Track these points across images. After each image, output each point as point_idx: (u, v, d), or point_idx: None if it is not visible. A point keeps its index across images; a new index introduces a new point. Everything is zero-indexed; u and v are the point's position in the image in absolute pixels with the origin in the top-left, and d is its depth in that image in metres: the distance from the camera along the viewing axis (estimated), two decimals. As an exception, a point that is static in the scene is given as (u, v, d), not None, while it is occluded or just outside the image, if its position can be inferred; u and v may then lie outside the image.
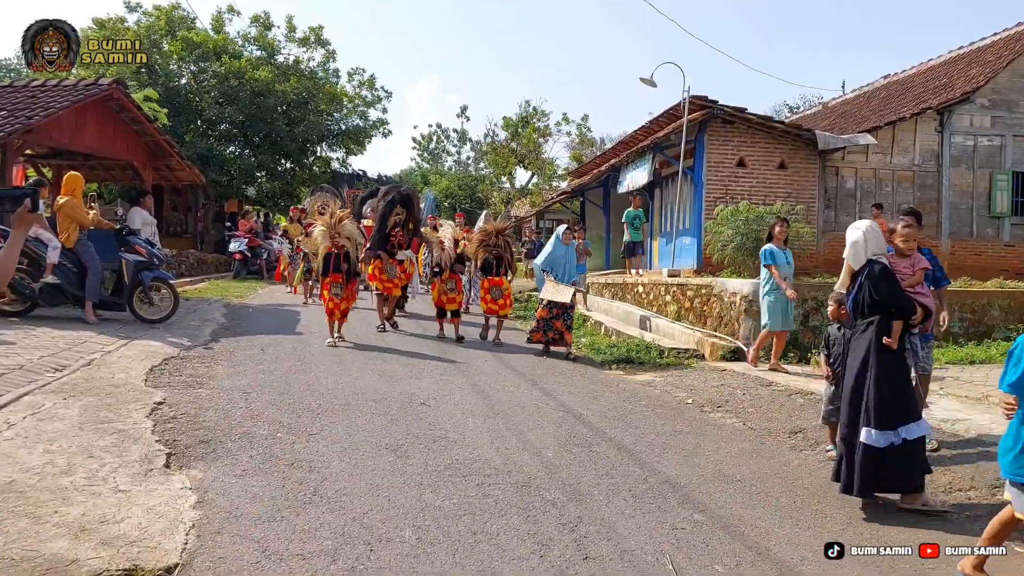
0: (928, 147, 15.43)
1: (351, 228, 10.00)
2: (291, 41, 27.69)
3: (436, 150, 50.24)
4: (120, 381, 6.84)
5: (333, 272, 9.67)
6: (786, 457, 5.84)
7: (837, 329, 5.79)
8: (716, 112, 14.53)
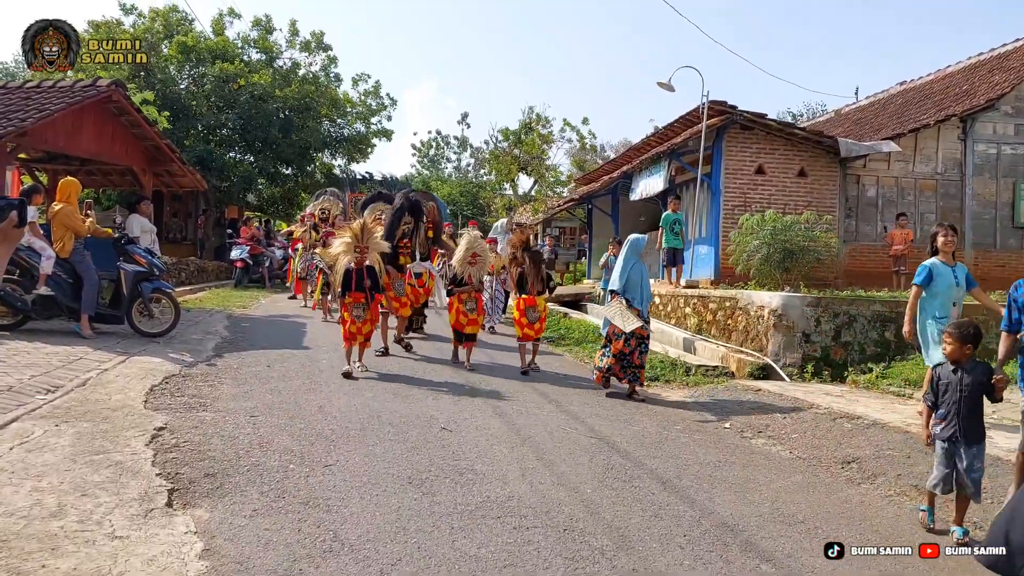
0: (951, 155, 15.01)
1: (381, 242, 8.90)
2: (292, 46, 27.25)
3: (436, 156, 49.81)
4: (118, 403, 6.34)
5: (355, 290, 8.32)
6: (844, 492, 5.35)
7: (952, 371, 4.76)
8: (735, 118, 14.11)
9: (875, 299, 10.08)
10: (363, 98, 28.82)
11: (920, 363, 9.13)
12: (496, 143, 38.92)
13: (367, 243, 8.41)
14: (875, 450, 6.14)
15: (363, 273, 8.33)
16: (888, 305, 9.92)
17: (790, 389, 8.52)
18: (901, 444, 6.22)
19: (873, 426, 6.73)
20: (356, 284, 8.29)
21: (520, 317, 9.25)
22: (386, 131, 29.54)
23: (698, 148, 14.05)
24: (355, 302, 8.24)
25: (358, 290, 8.30)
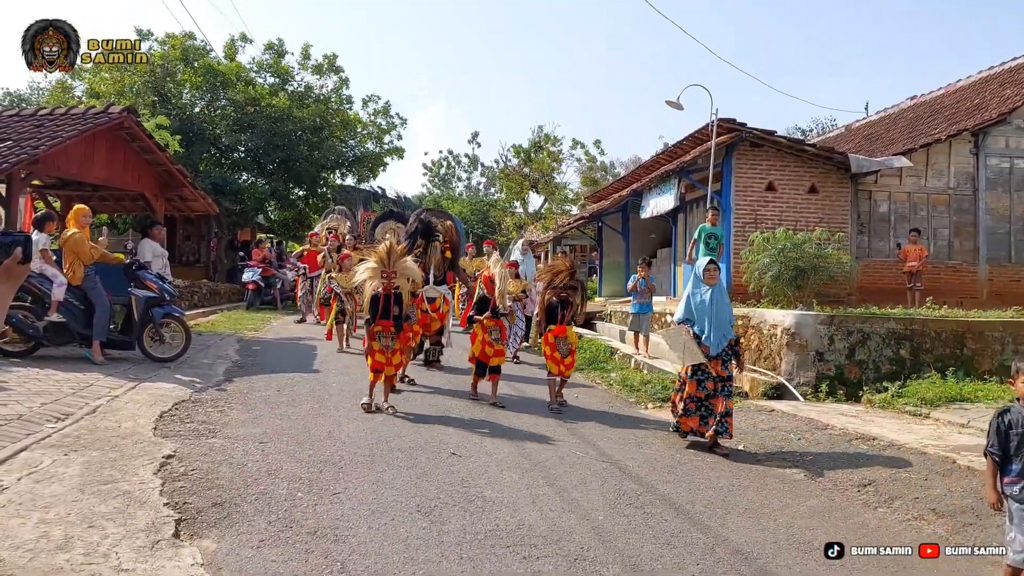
0: (963, 170, 14.89)
1: (412, 266, 8.16)
2: (304, 68, 27.48)
3: (447, 176, 50.00)
4: (127, 431, 6.33)
5: (382, 318, 7.59)
6: (861, 516, 5.25)
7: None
8: (744, 135, 14.05)
9: (889, 316, 9.97)
10: (373, 118, 29.00)
11: (936, 380, 9.03)
12: (506, 161, 39.08)
13: (394, 267, 7.78)
14: (892, 472, 6.03)
15: (391, 299, 7.65)
16: (903, 323, 9.81)
17: (804, 409, 8.42)
18: (918, 466, 6.12)
19: (889, 447, 6.63)
20: (383, 311, 7.61)
21: (552, 352, 8.30)
22: (398, 149, 29.69)
23: (707, 166, 13.99)
24: (383, 331, 7.58)
25: (384, 317, 7.61)
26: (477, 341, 8.54)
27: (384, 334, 7.59)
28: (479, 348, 8.48)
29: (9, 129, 10.84)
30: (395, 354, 7.61)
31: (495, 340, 8.51)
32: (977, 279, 14.74)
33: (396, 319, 7.65)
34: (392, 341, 7.59)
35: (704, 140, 14.80)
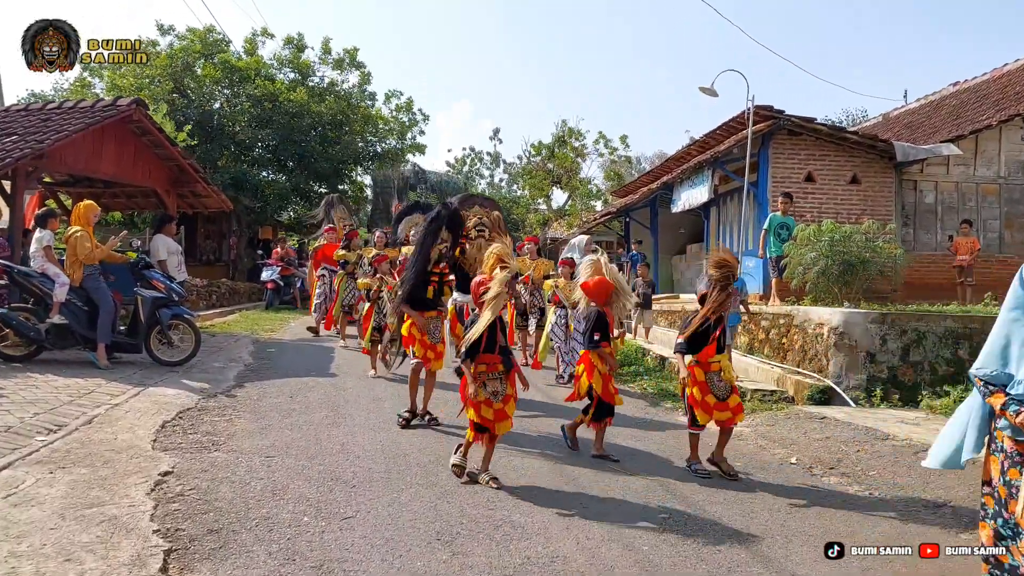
0: (1015, 157, 14.07)
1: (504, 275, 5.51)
2: (325, 63, 27.08)
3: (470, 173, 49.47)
4: (123, 444, 5.84)
5: (486, 351, 5.41)
6: (946, 556, 4.59)
7: None
8: (782, 123, 13.36)
9: (946, 314, 9.24)
10: (395, 114, 28.55)
11: (1002, 385, 8.30)
12: (529, 158, 38.44)
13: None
14: (968, 490, 5.37)
15: (496, 325, 5.44)
16: (960, 320, 9.09)
17: (858, 416, 7.74)
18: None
19: (962, 462, 5.94)
20: (487, 342, 5.35)
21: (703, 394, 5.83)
22: (419, 146, 29.24)
23: (742, 156, 13.31)
24: (489, 370, 5.39)
25: (489, 351, 5.38)
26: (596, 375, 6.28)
27: (492, 375, 5.39)
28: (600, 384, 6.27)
29: (16, 124, 10.44)
30: (508, 401, 5.41)
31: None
32: (1030, 274, 13.89)
33: (503, 352, 5.48)
34: (502, 384, 5.41)
35: (738, 129, 14.11)
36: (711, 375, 5.83)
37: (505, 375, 5.45)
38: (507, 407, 5.40)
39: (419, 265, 6.92)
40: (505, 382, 5.43)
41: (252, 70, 24.41)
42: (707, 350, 5.84)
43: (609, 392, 6.30)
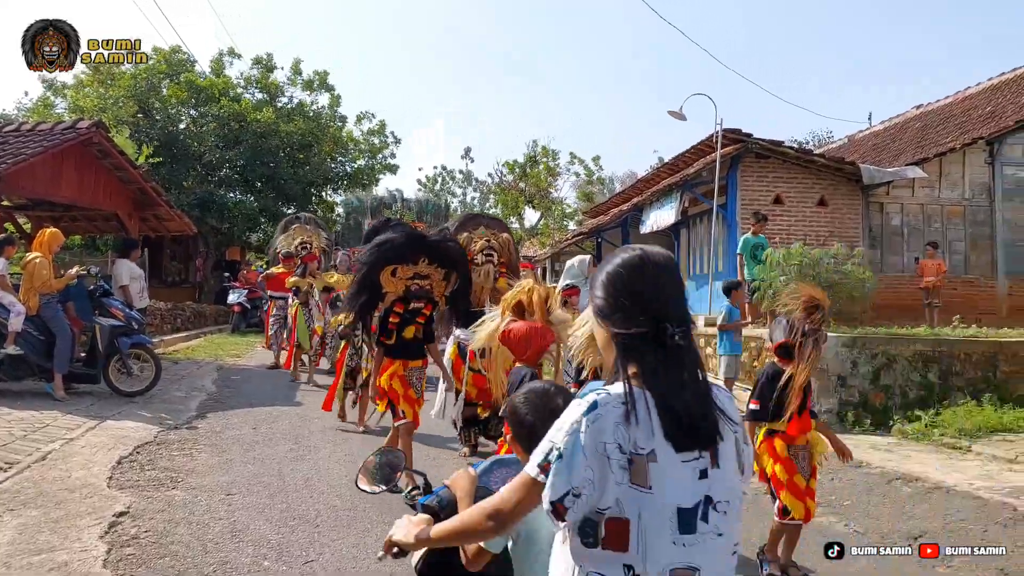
0: (978, 180, 14.27)
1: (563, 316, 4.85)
2: (295, 84, 26.88)
3: (441, 191, 49.40)
4: (77, 482, 5.60)
5: None
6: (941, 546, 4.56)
7: None
8: (750, 146, 13.45)
9: (915, 337, 9.28)
10: (366, 136, 28.40)
11: (972, 408, 8.34)
12: (501, 177, 38.45)
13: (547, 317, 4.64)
14: (944, 521, 5.32)
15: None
16: (930, 344, 9.12)
17: (831, 442, 7.69)
18: (972, 513, 5.41)
19: (936, 490, 5.92)
20: None
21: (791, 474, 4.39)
22: (391, 166, 29.08)
23: (712, 179, 13.35)
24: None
25: None
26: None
27: None
28: None
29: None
30: None
31: None
32: (996, 294, 14.09)
33: None
34: None
35: (707, 152, 14.17)
36: (796, 449, 4.35)
37: None
38: None
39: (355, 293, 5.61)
40: None
41: (218, 90, 24.16)
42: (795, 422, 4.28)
43: None
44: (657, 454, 1.58)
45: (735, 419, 1.72)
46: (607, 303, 1.72)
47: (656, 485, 1.57)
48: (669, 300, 1.70)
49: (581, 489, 1.56)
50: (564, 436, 1.59)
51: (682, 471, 1.61)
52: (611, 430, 1.57)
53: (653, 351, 1.64)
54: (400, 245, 5.50)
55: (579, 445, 1.57)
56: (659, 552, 1.58)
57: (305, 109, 26.40)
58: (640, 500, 1.57)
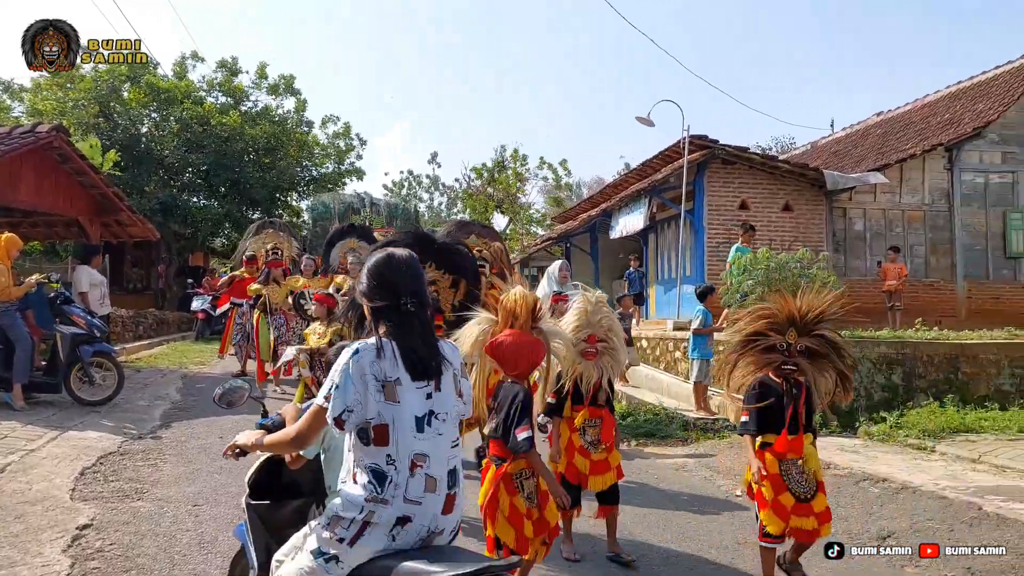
0: (938, 185, 14.59)
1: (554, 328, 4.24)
2: (259, 88, 26.59)
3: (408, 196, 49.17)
4: (38, 495, 5.46)
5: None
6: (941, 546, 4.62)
7: None
8: (716, 152, 13.60)
9: (879, 340, 9.44)
10: (332, 140, 28.20)
11: (935, 409, 8.50)
12: (469, 182, 38.43)
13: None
14: (911, 521, 5.40)
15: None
16: (894, 346, 9.29)
17: (799, 444, 7.78)
18: (938, 513, 5.49)
19: (903, 490, 6.01)
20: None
21: (778, 491, 4.08)
22: (357, 170, 28.91)
23: (679, 184, 13.48)
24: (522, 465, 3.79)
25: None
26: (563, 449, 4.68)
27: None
28: (563, 459, 4.66)
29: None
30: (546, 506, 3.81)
31: (591, 444, 4.68)
32: (955, 297, 14.40)
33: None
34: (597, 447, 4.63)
35: (675, 158, 14.31)
36: (788, 465, 4.09)
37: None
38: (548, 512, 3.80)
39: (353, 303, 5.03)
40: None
41: (181, 93, 23.81)
42: (786, 437, 4.07)
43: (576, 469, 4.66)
44: (400, 381, 2.41)
45: (453, 362, 2.57)
46: (369, 287, 2.53)
47: (401, 400, 2.40)
48: (407, 284, 2.50)
49: (353, 406, 2.35)
50: (339, 373, 2.38)
51: (416, 393, 2.43)
52: (369, 366, 2.39)
53: (396, 316, 2.47)
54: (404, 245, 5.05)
55: (349, 377, 2.36)
56: (406, 445, 2.38)
57: (271, 113, 26.15)
58: (392, 411, 2.38)
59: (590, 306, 4.63)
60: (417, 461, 2.39)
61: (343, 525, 2.35)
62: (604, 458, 4.67)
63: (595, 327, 4.58)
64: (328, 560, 2.38)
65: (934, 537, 5.11)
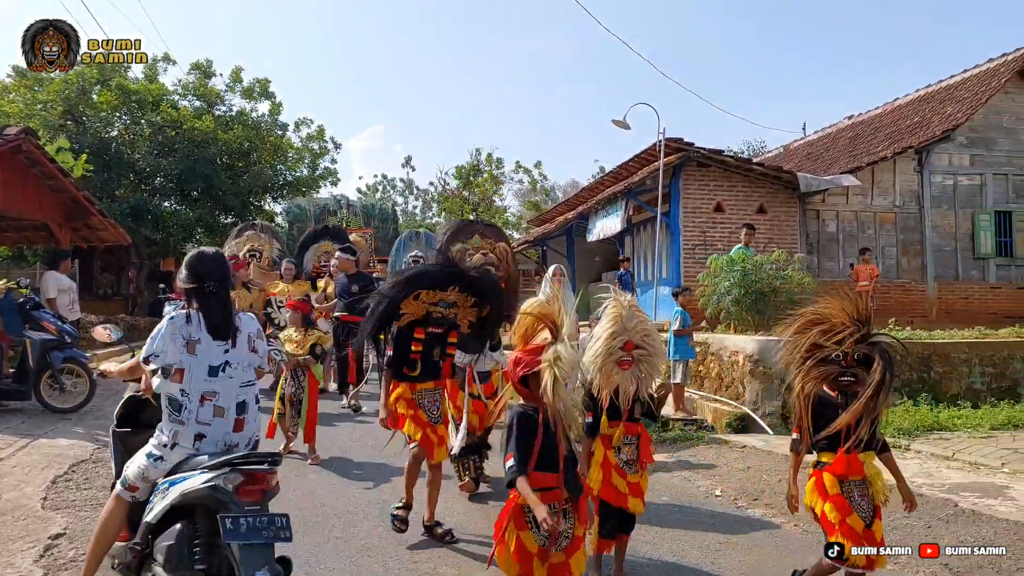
0: (908, 187, 14.83)
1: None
2: (234, 92, 26.29)
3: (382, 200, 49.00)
4: (9, 504, 5.35)
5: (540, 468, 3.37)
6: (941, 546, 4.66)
7: None
8: (691, 155, 13.70)
9: (854, 340, 9.54)
10: (305, 143, 27.97)
11: (909, 407, 8.61)
12: (444, 184, 38.37)
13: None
14: (888, 519, 5.37)
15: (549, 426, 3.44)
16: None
17: (776, 444, 7.85)
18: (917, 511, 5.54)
19: (880, 489, 6.05)
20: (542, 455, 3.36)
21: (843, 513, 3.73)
22: (332, 172, 28.69)
23: (655, 187, 13.55)
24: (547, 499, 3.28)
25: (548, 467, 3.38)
26: (598, 465, 4.28)
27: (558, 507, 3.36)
28: (598, 479, 4.25)
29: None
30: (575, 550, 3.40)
31: (628, 464, 4.31)
32: (926, 297, 14.64)
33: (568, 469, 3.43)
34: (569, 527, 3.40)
35: (650, 160, 14.38)
36: (850, 486, 3.75)
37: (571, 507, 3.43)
38: (573, 561, 3.36)
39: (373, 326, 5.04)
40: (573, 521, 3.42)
41: (153, 96, 23.49)
42: (841, 457, 3.72)
43: (616, 491, 4.24)
44: (202, 340, 3.48)
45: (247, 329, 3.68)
46: (184, 275, 3.60)
47: (198, 354, 3.47)
48: (210, 272, 3.56)
49: (158, 353, 3.44)
50: (157, 330, 3.49)
51: (215, 348, 3.52)
52: (180, 328, 3.47)
53: (201, 296, 3.53)
54: (433, 277, 5.06)
55: (162, 334, 3.46)
56: (197, 385, 3.46)
57: (245, 117, 25.87)
58: (190, 360, 3.46)
59: (624, 310, 4.20)
60: (207, 396, 3.48)
61: (163, 438, 3.50)
62: (638, 481, 4.31)
63: (631, 333, 4.14)
64: (155, 460, 3.50)
65: (911, 535, 5.18)
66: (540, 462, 3.30)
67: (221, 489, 3.24)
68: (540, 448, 3.30)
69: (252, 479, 3.32)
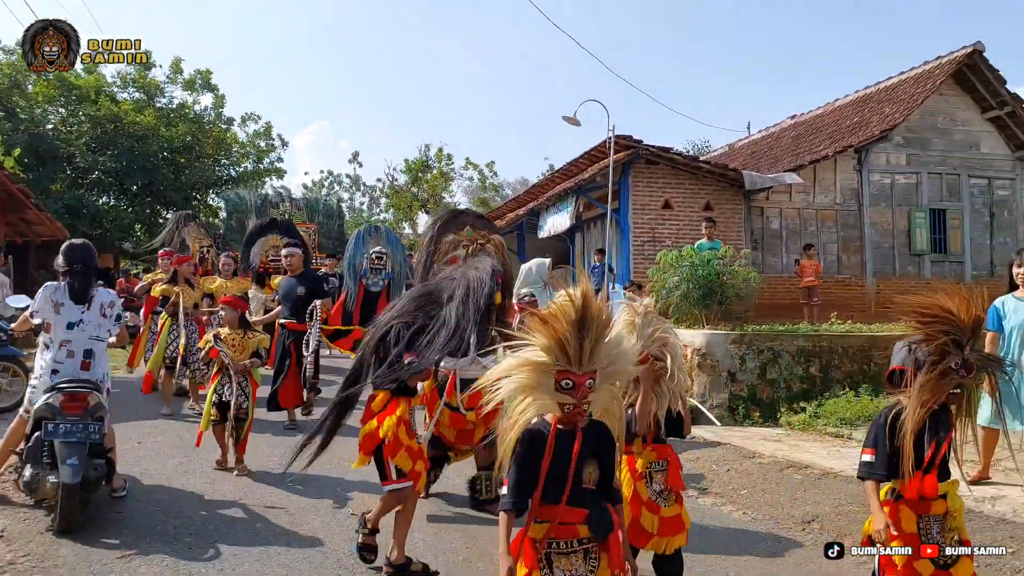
0: (848, 186, 15.23)
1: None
2: (174, 83, 25.68)
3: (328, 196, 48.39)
4: (-61, 507, 5.11)
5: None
6: (817, 562, 4.74)
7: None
8: (640, 152, 13.85)
9: (798, 333, 9.77)
10: (252, 139, 27.48)
11: (850, 398, 8.84)
12: (392, 180, 38.07)
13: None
14: (834, 505, 5.60)
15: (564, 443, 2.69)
16: (811, 340, 9.63)
17: (725, 435, 7.98)
18: (859, 496, 5.69)
19: (824, 476, 6.23)
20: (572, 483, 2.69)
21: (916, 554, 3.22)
22: (278, 169, 28.26)
23: (605, 184, 13.65)
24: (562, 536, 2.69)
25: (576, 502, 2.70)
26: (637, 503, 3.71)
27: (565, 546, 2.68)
28: (628, 516, 3.61)
29: None
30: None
31: (662, 495, 3.77)
32: (866, 293, 15.05)
33: (593, 500, 2.72)
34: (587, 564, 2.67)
35: (600, 158, 14.49)
36: (928, 522, 3.22)
37: (598, 548, 2.69)
38: None
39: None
40: (596, 559, 2.69)
41: (92, 88, 22.80)
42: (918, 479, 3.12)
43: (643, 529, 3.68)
44: (65, 304, 5.07)
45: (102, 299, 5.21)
46: (61, 260, 5.13)
47: (61, 313, 5.05)
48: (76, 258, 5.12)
49: (36, 311, 5.11)
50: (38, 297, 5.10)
51: (75, 309, 5.09)
52: (52, 294, 5.07)
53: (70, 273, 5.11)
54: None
55: (40, 297, 5.07)
56: (58, 335, 5.04)
57: (187, 110, 25.29)
58: (55, 318, 5.05)
59: (638, 317, 3.54)
60: (63, 343, 5.01)
61: (37, 371, 5.10)
62: (677, 513, 3.70)
63: (647, 343, 3.49)
64: (32, 389, 5.08)
65: (854, 520, 5.32)
66: (550, 490, 2.64)
67: (52, 406, 4.77)
68: (549, 473, 2.63)
69: (72, 397, 4.81)
